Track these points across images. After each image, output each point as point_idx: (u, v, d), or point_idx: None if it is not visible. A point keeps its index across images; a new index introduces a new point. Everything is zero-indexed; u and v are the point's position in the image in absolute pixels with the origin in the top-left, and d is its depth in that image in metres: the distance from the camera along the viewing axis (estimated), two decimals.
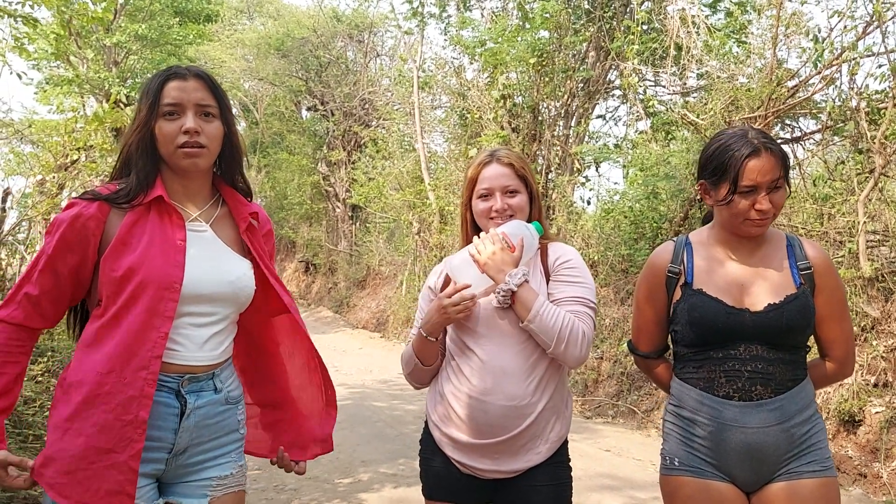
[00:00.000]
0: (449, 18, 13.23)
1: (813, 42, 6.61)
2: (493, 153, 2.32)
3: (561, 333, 2.07)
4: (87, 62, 13.28)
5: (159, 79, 1.87)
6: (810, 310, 2.01)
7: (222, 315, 1.91)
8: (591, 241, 10.24)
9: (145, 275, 1.76)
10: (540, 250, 2.28)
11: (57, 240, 1.79)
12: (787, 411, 1.98)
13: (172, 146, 1.84)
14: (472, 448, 2.16)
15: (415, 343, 2.27)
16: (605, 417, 7.96)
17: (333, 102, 19.56)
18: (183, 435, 1.84)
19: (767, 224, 2.01)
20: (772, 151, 1.95)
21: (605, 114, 12.59)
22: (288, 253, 26.05)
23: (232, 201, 2.00)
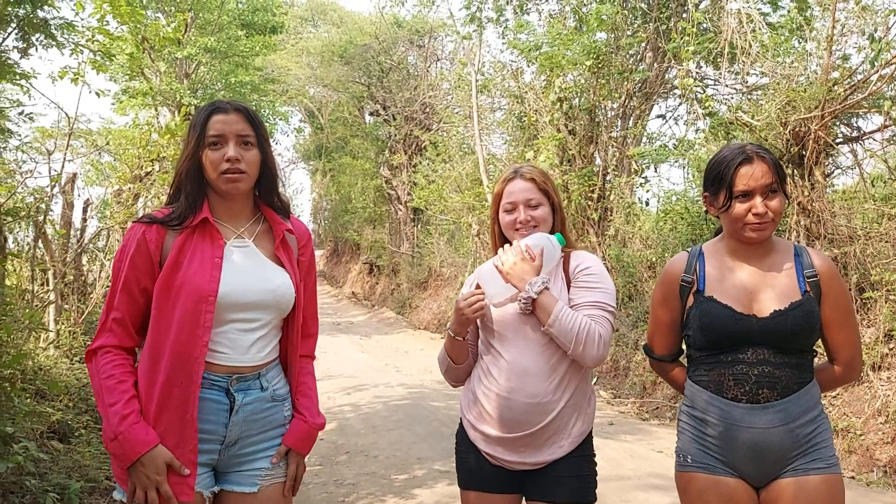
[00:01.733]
0: (506, 22, 13.35)
1: (869, 41, 6.51)
2: (517, 170, 2.53)
3: (578, 336, 2.25)
4: (160, 74, 13.86)
5: (204, 113, 2.12)
6: (814, 316, 2.13)
7: (265, 321, 2.14)
8: (650, 243, 10.24)
9: (187, 289, 2.01)
10: (563, 259, 2.46)
11: (128, 264, 2.03)
12: (791, 413, 2.10)
13: (217, 172, 2.09)
14: (500, 441, 2.36)
15: (446, 343, 2.51)
16: (662, 420, 7.98)
17: (395, 107, 19.91)
18: (233, 429, 2.08)
19: (767, 229, 2.13)
20: (763, 159, 2.11)
21: (665, 113, 12.51)
22: (353, 255, 26.57)
23: (271, 219, 2.24)
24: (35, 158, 6.76)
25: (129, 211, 7.86)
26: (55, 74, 5.90)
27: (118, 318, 2.03)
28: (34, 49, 4.53)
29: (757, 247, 2.21)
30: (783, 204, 2.14)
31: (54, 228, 6.99)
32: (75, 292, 7.11)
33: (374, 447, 6.39)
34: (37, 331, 5.89)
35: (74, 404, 5.68)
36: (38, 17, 4.42)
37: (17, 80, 4.77)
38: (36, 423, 4.65)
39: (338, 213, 26.53)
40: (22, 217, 5.34)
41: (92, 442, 5.26)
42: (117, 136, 13.13)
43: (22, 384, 4.83)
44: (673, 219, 9.67)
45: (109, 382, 1.96)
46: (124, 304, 2.03)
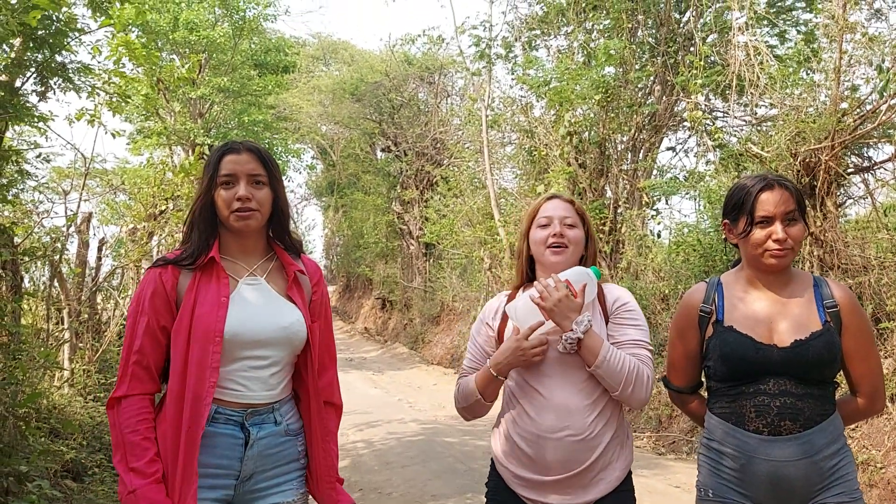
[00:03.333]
0: (515, 58, 13.51)
1: (877, 71, 6.55)
2: (555, 193, 2.50)
3: (628, 378, 2.19)
4: (175, 114, 14.10)
5: (218, 154, 2.17)
6: (835, 346, 2.11)
7: (278, 358, 2.15)
8: (663, 275, 10.21)
9: (197, 330, 2.03)
10: (599, 290, 2.39)
11: (148, 307, 2.05)
12: (815, 445, 2.08)
13: (228, 211, 2.12)
14: (546, 485, 2.25)
15: (479, 380, 2.35)
16: (678, 454, 7.88)
17: (406, 143, 20.08)
18: (248, 463, 2.08)
19: (787, 256, 2.13)
20: (785, 187, 2.12)
21: (676, 146, 12.55)
22: (365, 290, 26.59)
23: (282, 258, 2.26)
24: (52, 198, 6.87)
25: (144, 249, 7.94)
26: (72, 116, 6.01)
27: (141, 362, 2.03)
28: (52, 92, 4.64)
29: (776, 277, 2.21)
30: (803, 232, 2.14)
31: (70, 267, 7.06)
32: (90, 331, 7.15)
33: (388, 484, 6.34)
34: (52, 369, 5.92)
35: (88, 443, 5.68)
36: (55, 61, 4.53)
37: (36, 122, 4.87)
38: (50, 462, 4.66)
39: (350, 248, 26.64)
40: (38, 257, 5.40)
41: (105, 481, 5.26)
42: (132, 175, 13.33)
43: (36, 423, 4.85)
44: (685, 250, 9.65)
45: (134, 438, 1.96)
46: (148, 347, 2.04)
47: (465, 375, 2.47)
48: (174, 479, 1.97)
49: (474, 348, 2.49)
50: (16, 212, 5.99)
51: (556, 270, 2.35)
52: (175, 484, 1.97)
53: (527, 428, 2.28)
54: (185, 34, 14.05)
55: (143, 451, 1.96)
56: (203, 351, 2.02)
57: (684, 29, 10.89)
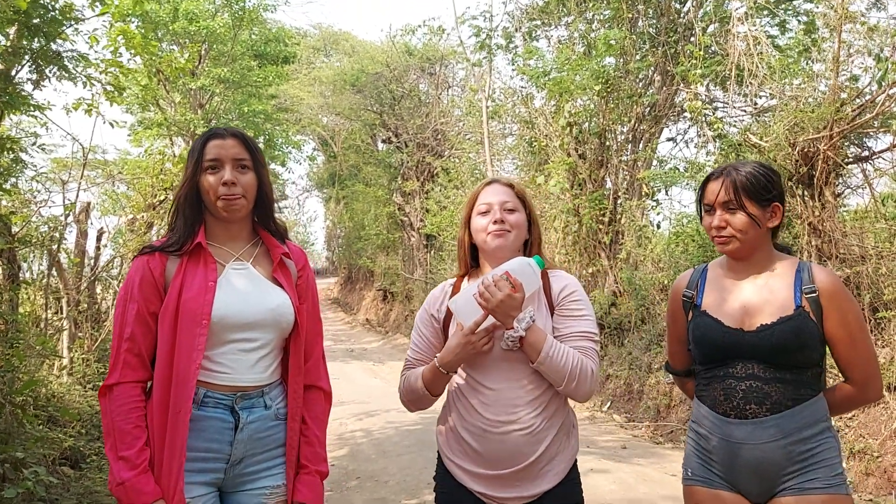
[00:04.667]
0: (516, 49, 13.48)
1: (876, 61, 6.53)
2: (494, 178, 2.46)
3: (571, 373, 2.17)
4: (175, 105, 14.10)
5: (202, 139, 2.18)
6: (805, 332, 2.10)
7: (266, 340, 2.16)
8: (662, 265, 10.21)
9: (184, 315, 2.04)
10: (543, 281, 2.34)
11: (138, 294, 2.06)
12: (784, 429, 2.08)
13: (214, 196, 2.13)
14: (493, 479, 2.24)
15: (427, 375, 2.31)
16: (676, 443, 7.89)
17: (407, 134, 20.07)
18: (238, 447, 2.09)
19: (730, 244, 2.19)
20: (731, 177, 2.16)
21: (676, 136, 12.52)
22: (367, 282, 26.63)
23: (268, 242, 2.27)
24: (50, 188, 6.88)
25: (143, 239, 7.95)
26: (69, 106, 6.02)
27: (132, 350, 2.03)
28: (47, 81, 4.64)
29: (749, 262, 2.24)
30: (747, 222, 2.15)
31: (68, 257, 7.08)
32: (89, 320, 7.19)
33: (385, 472, 6.37)
34: (50, 358, 5.95)
35: (87, 431, 5.72)
36: (51, 49, 4.53)
37: (32, 111, 4.88)
38: (48, 450, 4.68)
39: (351, 240, 26.66)
40: (35, 244, 5.42)
41: (103, 468, 5.28)
42: (132, 166, 13.34)
43: (34, 411, 4.88)
44: (684, 241, 9.64)
45: (125, 426, 1.97)
46: (139, 334, 2.04)
47: (411, 367, 2.42)
48: (167, 462, 1.98)
49: (419, 339, 2.45)
50: (14, 201, 6.01)
51: (499, 256, 2.33)
52: (165, 467, 1.98)
53: (473, 422, 2.26)
54: (184, 24, 14.03)
55: (134, 440, 1.97)
56: (190, 335, 2.03)
57: (684, 19, 10.86)
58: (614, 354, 10.09)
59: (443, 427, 2.40)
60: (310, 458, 2.20)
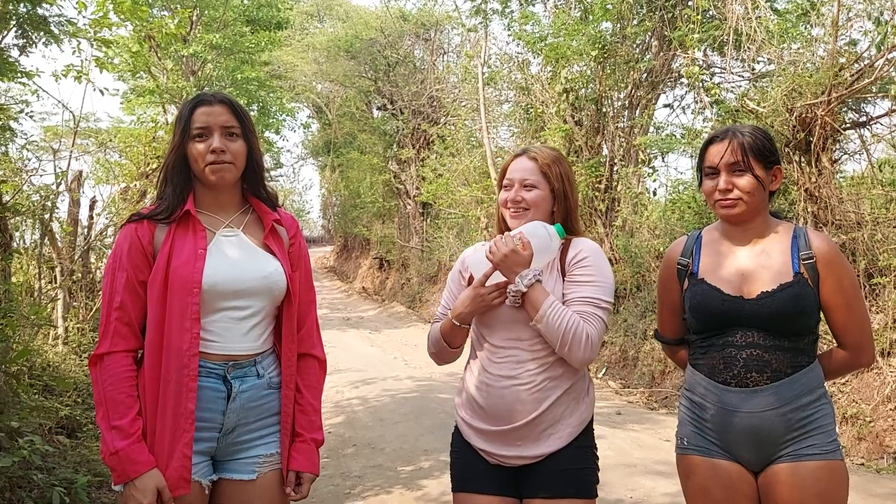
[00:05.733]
0: (512, 14, 13.30)
1: (875, 24, 6.45)
2: (527, 149, 2.43)
3: (564, 336, 2.16)
4: (167, 73, 13.93)
5: (189, 106, 2.12)
6: (804, 298, 2.09)
7: (258, 308, 2.14)
8: (658, 232, 10.20)
9: (174, 283, 2.01)
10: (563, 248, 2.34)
11: (126, 262, 2.03)
12: (783, 397, 2.07)
13: (203, 163, 2.09)
14: (494, 435, 2.27)
15: (444, 327, 2.38)
16: (671, 409, 7.95)
17: (402, 101, 19.89)
18: (230, 416, 2.08)
19: (735, 207, 2.14)
20: (736, 138, 2.12)
21: (672, 103, 12.42)
22: (363, 250, 26.61)
23: (259, 209, 2.24)
24: (41, 157, 6.81)
25: (135, 208, 7.90)
26: (59, 73, 5.93)
27: (122, 318, 2.01)
28: (34, 46, 4.56)
29: (746, 228, 2.20)
30: (754, 184, 2.12)
31: (61, 226, 7.03)
32: (83, 289, 7.16)
33: (382, 440, 6.41)
34: (44, 327, 5.93)
35: (83, 400, 5.72)
36: (37, 14, 4.44)
37: (20, 78, 4.80)
38: (43, 419, 4.69)
39: (347, 208, 26.59)
40: (26, 213, 5.37)
41: (100, 437, 5.30)
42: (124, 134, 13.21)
43: (29, 380, 4.87)
44: (680, 208, 9.62)
45: (118, 396, 1.96)
46: (129, 302, 2.02)
47: (438, 321, 2.48)
48: (162, 432, 1.97)
49: (448, 294, 2.50)
50: (4, 170, 5.95)
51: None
52: (162, 437, 1.97)
53: (479, 378, 2.31)
54: None
55: (127, 409, 1.95)
56: (182, 303, 2.01)
57: None
58: (609, 321, 10.08)
59: (460, 385, 2.47)
60: (305, 427, 2.20)
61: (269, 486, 2.14)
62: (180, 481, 1.97)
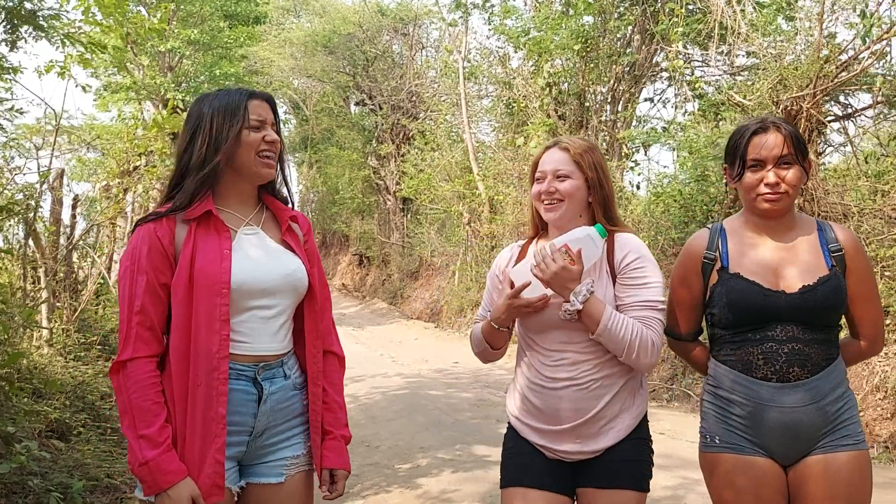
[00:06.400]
0: (492, 8, 13.29)
1: (860, 17, 6.51)
2: (558, 140, 2.38)
3: (631, 345, 2.13)
4: (143, 68, 13.72)
5: (244, 97, 2.05)
6: (842, 291, 2.09)
7: (283, 307, 2.09)
8: (642, 226, 10.24)
9: (201, 284, 1.94)
10: (607, 246, 2.28)
11: (146, 264, 1.94)
12: (821, 390, 2.07)
13: (254, 154, 2.03)
14: (556, 434, 2.25)
15: (485, 329, 2.36)
16: (659, 401, 8.00)
17: (381, 96, 19.80)
18: (261, 419, 2.03)
19: (781, 201, 2.10)
20: (780, 130, 2.09)
21: (653, 96, 12.49)
22: (342, 247, 26.49)
23: (273, 207, 2.19)
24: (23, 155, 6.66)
25: (119, 206, 7.77)
26: (41, 69, 5.79)
27: (144, 323, 1.92)
28: (23, 41, 4.45)
29: (778, 222, 2.18)
30: (799, 177, 2.10)
31: (44, 226, 6.89)
32: (67, 290, 7.03)
33: (376, 438, 6.36)
34: (31, 329, 5.81)
35: (71, 402, 5.61)
36: (25, 8, 4.33)
37: (7, 74, 4.68)
38: (35, 423, 4.59)
39: (325, 204, 26.43)
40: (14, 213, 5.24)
41: (91, 440, 5.21)
42: (101, 131, 13.01)
43: (18, 384, 4.77)
44: (665, 201, 9.67)
45: (144, 403, 1.88)
46: (150, 306, 1.93)
47: (480, 321, 2.46)
48: (192, 438, 1.91)
49: (487, 297, 2.49)
50: None
51: (555, 226, 2.32)
52: (192, 443, 1.91)
53: (533, 380, 2.28)
54: None
55: (154, 417, 1.88)
56: (210, 304, 1.94)
57: None
58: None
59: (511, 387, 2.44)
60: (333, 424, 2.17)
61: (296, 488, 2.10)
62: (213, 488, 1.91)
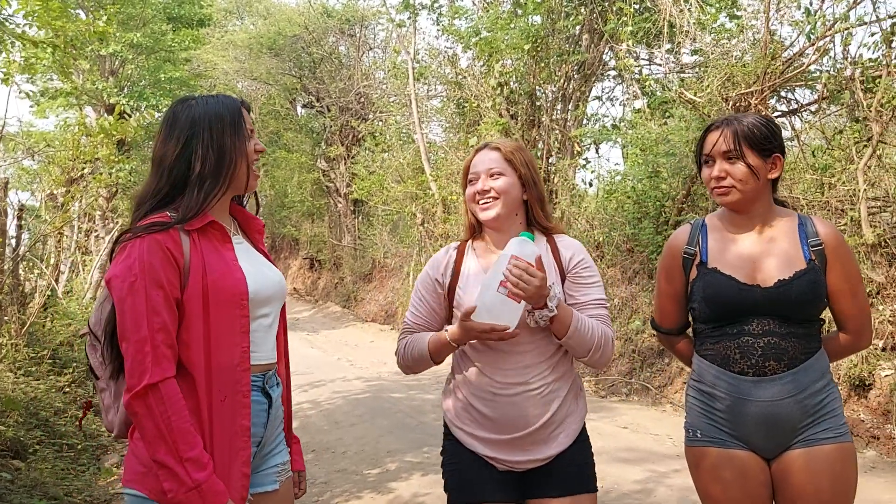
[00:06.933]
0: (440, 8, 13.27)
1: (805, 14, 6.70)
2: (487, 142, 2.38)
3: (597, 344, 2.17)
4: (83, 73, 13.32)
5: (237, 105, 2.00)
6: (820, 285, 2.12)
7: (276, 314, 2.08)
8: (595, 223, 10.35)
9: (215, 296, 1.87)
10: (550, 246, 2.31)
11: (163, 277, 1.82)
12: (800, 384, 2.10)
13: (250, 164, 2.00)
14: (504, 443, 2.21)
15: (433, 345, 2.26)
16: (619, 396, 8.10)
17: (329, 98, 19.62)
18: (269, 427, 2.01)
19: (730, 195, 2.16)
20: (731, 127, 2.15)
21: (602, 95, 12.66)
22: (292, 251, 26.15)
23: (241, 217, 2.15)
24: None
25: (66, 216, 7.53)
26: None
27: (167, 341, 1.80)
28: None
29: (754, 216, 2.21)
30: (745, 173, 2.13)
31: None
32: (14, 303, 6.77)
33: (341, 443, 6.29)
34: None
35: (25, 419, 5.42)
36: None
37: None
38: None
39: (274, 208, 26.06)
40: None
41: (48, 458, 5.04)
42: (39, 138, 12.56)
43: None
44: (618, 198, 9.79)
45: (183, 425, 1.77)
46: (171, 322, 1.81)
47: (412, 331, 2.37)
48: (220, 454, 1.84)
49: (420, 302, 2.38)
50: None
51: (492, 226, 2.30)
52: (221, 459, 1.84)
53: (482, 387, 2.23)
54: None
55: (195, 438, 1.78)
56: (229, 316, 1.88)
57: None
58: None
59: (449, 397, 2.36)
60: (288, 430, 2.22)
61: (286, 494, 2.10)
62: (242, 503, 1.88)
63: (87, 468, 5.35)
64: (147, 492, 1.81)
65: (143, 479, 1.82)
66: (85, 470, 5.31)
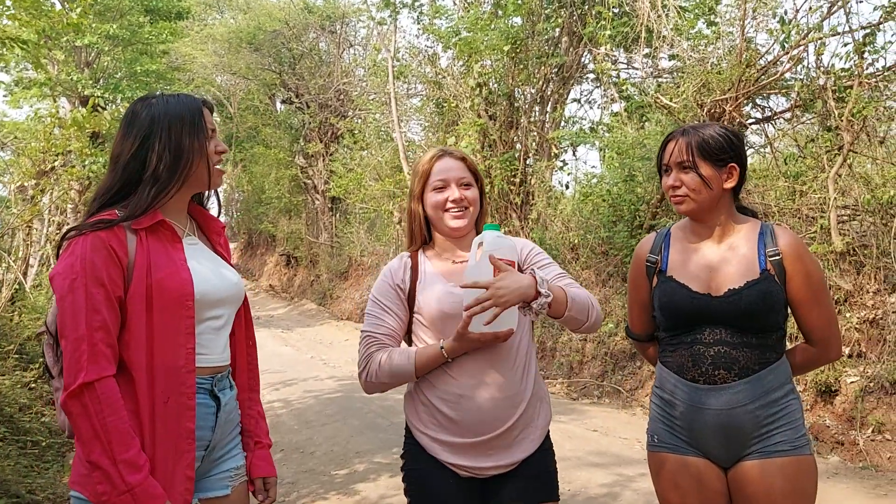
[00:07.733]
0: (421, 7, 13.24)
1: (780, 23, 6.76)
2: (444, 149, 2.36)
3: (591, 307, 2.20)
4: (58, 64, 13.12)
5: (198, 105, 1.97)
6: (772, 295, 2.11)
7: (228, 317, 2.05)
8: (571, 225, 10.39)
9: (163, 295, 1.84)
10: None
11: (104, 274, 1.79)
12: (751, 394, 2.09)
13: (213, 163, 1.99)
14: (471, 448, 2.17)
15: (422, 361, 2.18)
16: (590, 398, 8.13)
17: (308, 94, 19.54)
18: (217, 431, 1.97)
19: (684, 203, 2.19)
20: (686, 138, 2.18)
21: (580, 97, 12.68)
22: (268, 247, 26.01)
23: (201, 217, 2.12)
24: None
25: (36, 208, 7.42)
26: None
27: (106, 340, 1.77)
28: None
29: (713, 225, 2.22)
30: (696, 182, 2.15)
31: None
32: None
33: (310, 443, 6.26)
34: None
35: None
36: None
37: None
38: None
39: (251, 204, 25.94)
40: None
41: (11, 455, 4.96)
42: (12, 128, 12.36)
43: None
44: (594, 201, 9.83)
45: (119, 425, 1.73)
46: (112, 322, 1.78)
47: (378, 344, 2.25)
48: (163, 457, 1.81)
49: (383, 312, 2.28)
50: None
51: (458, 235, 2.29)
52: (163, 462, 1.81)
53: (447, 389, 2.18)
54: None
55: (131, 439, 1.75)
56: (173, 317, 1.85)
57: None
58: None
59: (411, 400, 2.30)
60: (259, 433, 2.16)
61: (239, 499, 2.06)
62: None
63: (51, 465, 5.28)
64: (88, 494, 1.77)
65: (85, 482, 1.78)
66: (49, 467, 5.24)
